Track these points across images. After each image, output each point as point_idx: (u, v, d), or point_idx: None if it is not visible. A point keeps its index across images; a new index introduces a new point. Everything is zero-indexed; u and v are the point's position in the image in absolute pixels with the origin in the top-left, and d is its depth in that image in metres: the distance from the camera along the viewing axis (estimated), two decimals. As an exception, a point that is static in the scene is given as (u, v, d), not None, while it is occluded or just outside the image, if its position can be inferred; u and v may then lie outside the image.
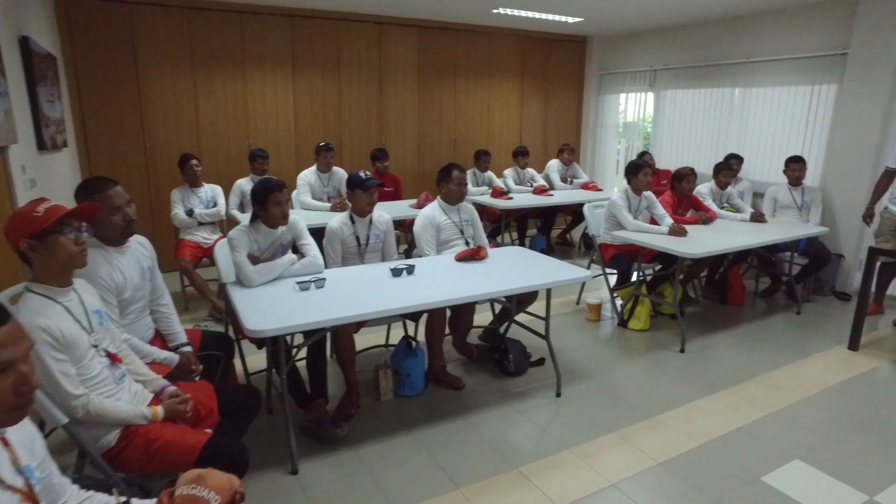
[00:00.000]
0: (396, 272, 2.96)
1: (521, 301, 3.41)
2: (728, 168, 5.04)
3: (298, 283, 2.69)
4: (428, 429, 2.91)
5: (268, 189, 2.79)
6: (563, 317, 4.55)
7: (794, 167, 5.03)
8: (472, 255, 3.27)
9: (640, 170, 4.32)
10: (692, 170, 4.62)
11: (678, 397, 3.26)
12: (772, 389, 3.38)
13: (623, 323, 4.32)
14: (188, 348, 2.42)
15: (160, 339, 2.42)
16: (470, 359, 3.64)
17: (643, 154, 6.53)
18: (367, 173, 3.28)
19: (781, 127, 5.74)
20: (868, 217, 4.64)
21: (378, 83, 6.49)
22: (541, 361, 3.61)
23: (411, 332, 3.53)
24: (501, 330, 3.75)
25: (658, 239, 3.99)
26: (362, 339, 3.70)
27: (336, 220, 3.27)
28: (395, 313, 2.65)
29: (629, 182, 4.37)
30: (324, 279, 2.77)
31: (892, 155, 4.47)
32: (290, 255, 2.91)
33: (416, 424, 2.94)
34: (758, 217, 4.74)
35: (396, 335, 3.65)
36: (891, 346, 4.10)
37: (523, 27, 7.02)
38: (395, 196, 5.69)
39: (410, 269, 2.99)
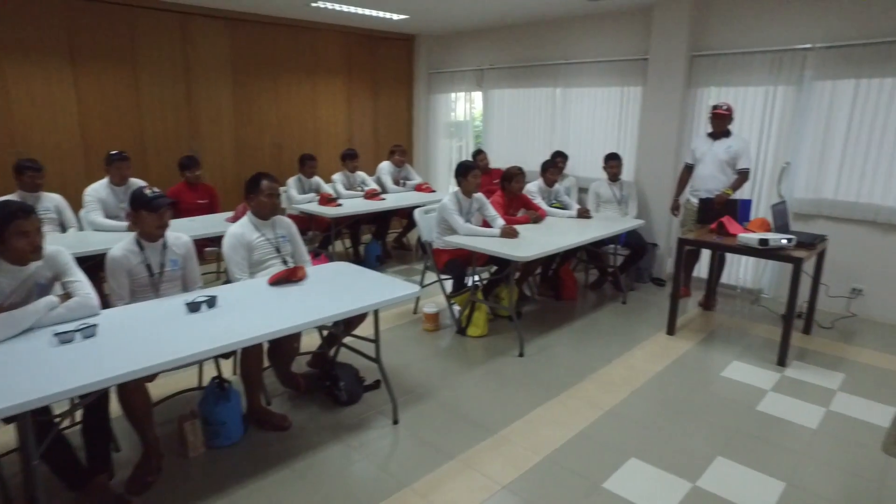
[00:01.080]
0: (193, 307, 2.49)
1: (349, 323, 3.10)
2: (554, 166, 5.17)
3: (57, 334, 2.12)
4: (247, 485, 2.49)
5: (7, 215, 2.17)
6: (400, 328, 4.33)
7: (612, 164, 5.32)
8: (288, 277, 2.89)
9: (469, 171, 4.23)
10: (521, 169, 4.65)
11: (520, 407, 3.18)
12: (606, 386, 3.45)
13: (462, 330, 4.20)
14: None
15: None
16: (297, 391, 3.26)
17: (478, 153, 6.56)
18: (155, 190, 2.75)
19: (599, 125, 6.08)
20: (674, 209, 5.04)
21: (185, 82, 5.76)
22: (377, 384, 3.34)
23: (227, 370, 3.05)
24: (332, 353, 3.41)
25: (490, 242, 3.92)
26: (164, 385, 3.15)
27: (119, 248, 2.69)
28: (192, 360, 2.20)
29: (459, 184, 4.26)
30: (93, 326, 2.22)
31: (688, 151, 4.88)
32: (49, 299, 2.29)
33: (232, 482, 2.51)
34: (584, 213, 4.92)
35: (212, 373, 3.15)
36: (698, 326, 4.47)
37: (348, 23, 6.70)
38: (211, 209, 5.06)
39: (211, 302, 2.53)
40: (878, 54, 4.29)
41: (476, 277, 4.35)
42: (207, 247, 4.60)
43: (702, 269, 5.11)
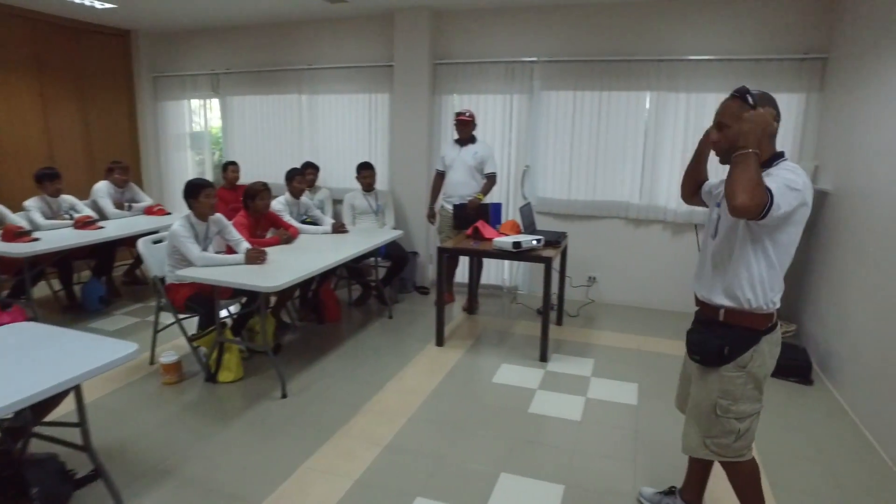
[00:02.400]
0: None
1: (40, 407, 2.25)
2: (300, 174, 4.72)
3: None
4: None
5: None
6: (132, 387, 3.47)
7: (365, 173, 5.09)
8: None
9: (200, 190, 3.55)
10: (265, 185, 4.11)
11: (287, 462, 2.69)
12: (381, 416, 3.15)
13: (212, 377, 3.52)
14: None
15: None
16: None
17: (228, 165, 5.73)
18: None
19: (350, 134, 5.81)
20: (430, 216, 5.01)
21: None
22: (94, 475, 2.51)
23: None
24: (20, 448, 2.47)
25: (233, 272, 3.32)
26: None
27: None
28: None
29: (190, 207, 3.56)
30: None
31: (438, 158, 4.89)
32: None
33: None
34: (339, 227, 4.58)
35: None
36: (465, 332, 4.47)
37: (33, 6, 5.31)
38: None
39: None
40: (590, 70, 4.80)
41: (226, 312, 3.71)
42: None
43: (463, 272, 5.17)
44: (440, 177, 4.87)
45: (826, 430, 3.10)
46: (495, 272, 5.50)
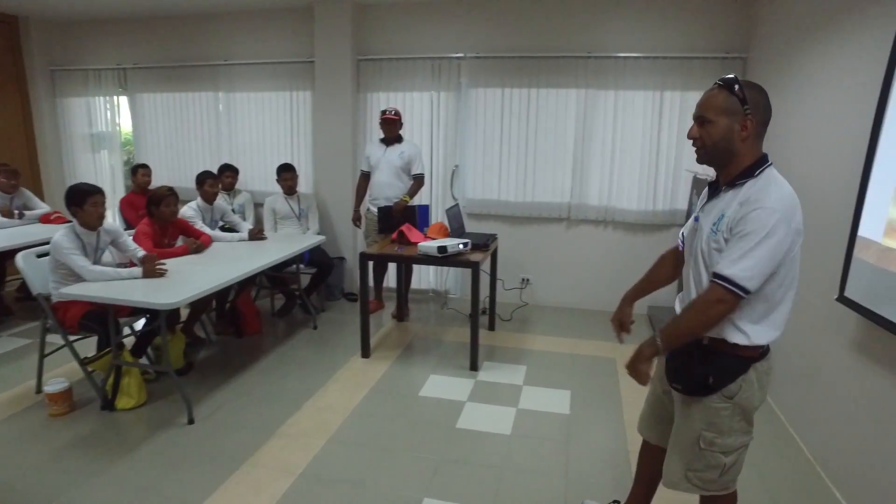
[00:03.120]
0: None
1: None
2: (213, 177, 4.36)
3: None
4: None
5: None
6: (11, 422, 3.06)
7: (286, 176, 4.80)
8: None
9: (86, 198, 3.15)
10: (171, 190, 3.76)
11: (190, 499, 2.40)
12: (298, 439, 2.89)
13: (108, 404, 3.16)
14: None
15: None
16: None
17: (139, 168, 5.28)
18: None
19: (271, 134, 5.47)
20: (356, 220, 4.76)
21: None
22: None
23: None
24: None
25: (125, 288, 2.98)
26: None
27: None
28: None
29: (74, 215, 3.17)
30: None
31: (363, 159, 4.65)
32: None
33: None
34: (256, 234, 4.26)
35: None
36: (394, 341, 4.25)
37: None
38: None
39: None
40: (518, 67, 4.68)
41: (129, 329, 3.35)
42: None
43: (393, 277, 4.95)
44: (365, 178, 4.63)
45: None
46: (426, 276, 5.31)
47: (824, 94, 2.93)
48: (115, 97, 6.05)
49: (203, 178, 4.31)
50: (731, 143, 1.52)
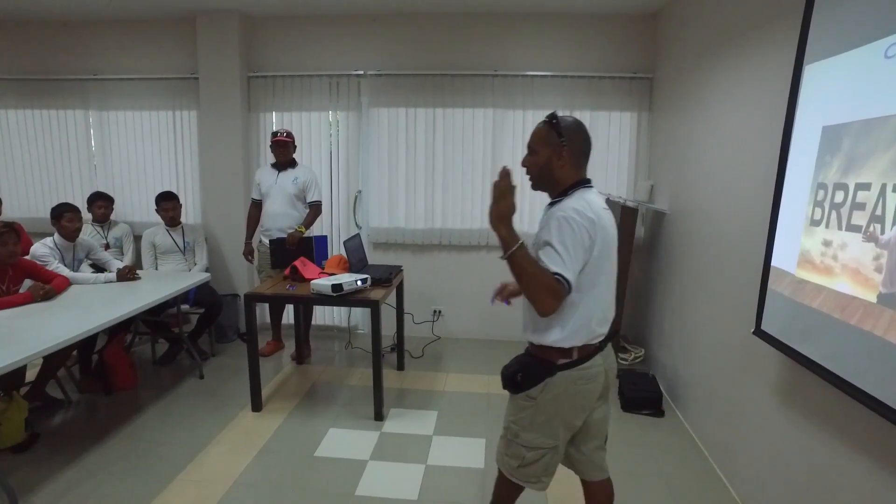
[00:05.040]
0: None
1: None
2: (72, 210, 3.75)
3: None
4: None
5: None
6: None
7: (166, 206, 4.26)
8: None
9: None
10: (8, 225, 3.18)
11: None
12: (156, 530, 2.39)
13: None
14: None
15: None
16: None
17: None
18: None
19: (152, 158, 4.88)
20: (247, 253, 4.28)
21: None
22: None
23: None
24: None
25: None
26: None
27: None
28: None
29: None
30: None
31: (254, 186, 4.19)
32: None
33: None
34: (126, 274, 3.69)
35: None
36: (292, 387, 3.80)
37: None
38: None
39: None
40: (423, 85, 4.40)
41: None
42: None
43: (291, 314, 4.49)
44: (256, 207, 4.17)
45: (676, 462, 2.91)
46: (329, 311, 4.88)
47: (731, 113, 2.83)
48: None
49: (60, 212, 3.70)
50: (551, 170, 1.72)
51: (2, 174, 5.09)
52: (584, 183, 1.73)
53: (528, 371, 1.75)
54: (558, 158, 1.70)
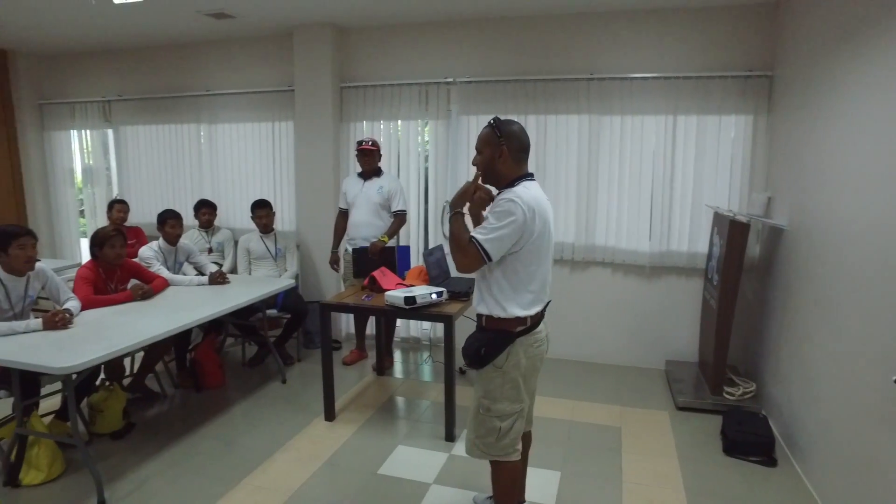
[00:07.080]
0: None
1: None
2: (175, 217, 3.97)
3: None
4: None
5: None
6: None
7: (260, 213, 4.41)
8: None
9: (11, 241, 2.79)
10: (117, 229, 3.40)
11: None
12: (213, 536, 2.38)
13: (12, 480, 2.71)
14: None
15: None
16: None
17: (115, 203, 4.94)
18: None
19: (253, 167, 5.11)
20: (334, 262, 4.30)
21: None
22: None
23: None
24: None
25: (17, 346, 2.54)
26: None
27: None
28: None
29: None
30: None
31: (341, 195, 4.21)
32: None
33: None
34: (217, 278, 3.82)
35: None
36: (368, 399, 3.73)
37: None
38: None
39: None
40: (513, 91, 4.22)
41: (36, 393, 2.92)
42: None
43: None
44: (343, 216, 4.19)
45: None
46: (414, 322, 4.78)
47: (873, 112, 2.35)
48: (105, 130, 5.81)
49: (164, 218, 3.93)
50: (494, 167, 1.97)
51: (132, 183, 5.58)
52: (527, 176, 2.00)
53: (491, 344, 1.96)
54: (500, 156, 1.95)
